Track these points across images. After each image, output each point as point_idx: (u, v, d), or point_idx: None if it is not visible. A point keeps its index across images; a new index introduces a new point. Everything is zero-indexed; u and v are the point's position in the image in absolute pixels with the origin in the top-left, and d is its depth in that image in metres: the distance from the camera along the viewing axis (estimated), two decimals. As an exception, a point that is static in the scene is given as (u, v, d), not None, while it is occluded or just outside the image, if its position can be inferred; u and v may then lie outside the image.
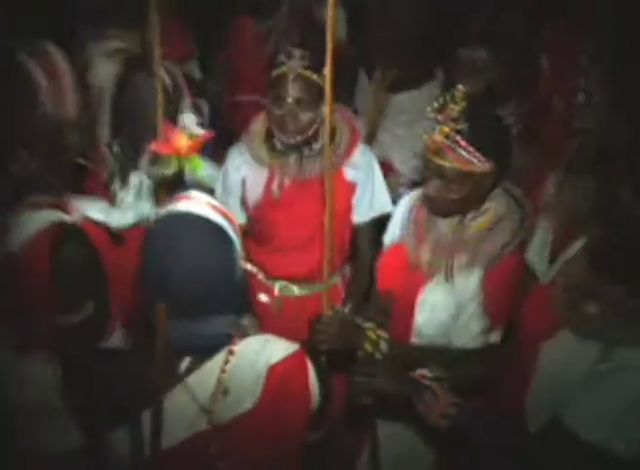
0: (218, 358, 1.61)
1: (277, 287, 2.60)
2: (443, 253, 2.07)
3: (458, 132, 1.90)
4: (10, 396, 2.00)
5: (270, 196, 2.49)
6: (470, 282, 2.05)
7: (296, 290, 2.60)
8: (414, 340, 2.16)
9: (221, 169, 2.59)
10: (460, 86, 1.92)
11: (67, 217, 1.91)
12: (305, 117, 2.36)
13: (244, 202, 2.55)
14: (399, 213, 2.28)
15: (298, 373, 1.66)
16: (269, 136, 2.52)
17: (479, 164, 1.93)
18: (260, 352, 1.64)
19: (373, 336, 2.04)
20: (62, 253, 1.87)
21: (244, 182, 2.53)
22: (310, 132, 2.40)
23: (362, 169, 2.51)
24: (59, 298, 1.89)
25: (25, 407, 1.99)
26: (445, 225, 2.09)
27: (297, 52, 2.33)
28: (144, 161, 2.25)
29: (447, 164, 1.93)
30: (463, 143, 1.91)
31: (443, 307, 2.09)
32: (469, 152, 1.92)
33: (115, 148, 2.45)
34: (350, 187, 2.51)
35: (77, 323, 1.90)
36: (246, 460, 1.65)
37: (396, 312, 2.17)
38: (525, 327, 1.93)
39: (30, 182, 1.92)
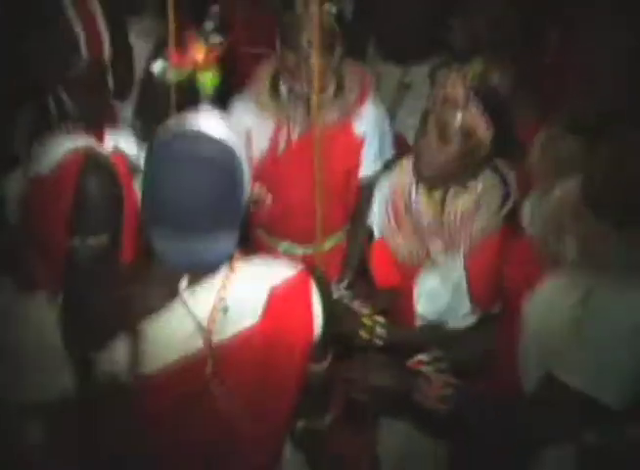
0: (219, 275, 1.57)
1: (281, 248, 2.59)
2: (421, 239, 2.10)
3: (474, 91, 1.98)
4: (9, 335, 2.02)
5: (275, 151, 2.45)
6: (458, 266, 2.08)
7: (299, 251, 2.57)
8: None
9: None
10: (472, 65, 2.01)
11: (98, 145, 1.96)
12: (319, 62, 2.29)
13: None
14: (376, 205, 2.30)
15: (301, 294, 1.62)
16: (275, 84, 2.48)
17: (484, 125, 2.00)
18: (263, 271, 1.62)
19: (368, 322, 2.06)
20: (87, 178, 1.90)
21: (248, 137, 2.47)
22: (323, 80, 2.33)
23: (371, 121, 2.49)
24: (77, 224, 1.93)
25: (24, 348, 2.01)
26: (425, 205, 2.12)
27: None
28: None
29: (457, 116, 1.98)
30: (476, 101, 1.99)
31: (439, 295, 2.12)
32: (480, 111, 1.99)
33: (138, 130, 2.42)
34: (359, 140, 2.49)
35: (91, 250, 1.93)
36: (242, 385, 1.61)
37: (398, 303, 2.19)
38: (507, 283, 1.93)
39: (66, 116, 1.98)
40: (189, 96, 1.97)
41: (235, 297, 1.57)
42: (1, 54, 1.99)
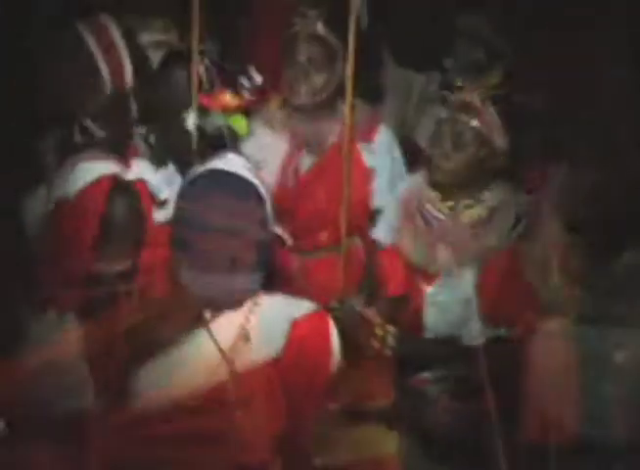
0: (243, 308, 1.66)
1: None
2: (432, 246, 2.10)
3: (491, 100, 2.00)
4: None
5: (285, 182, 2.46)
6: (469, 282, 2.09)
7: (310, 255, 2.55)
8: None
9: None
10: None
11: (123, 172, 2.00)
12: (319, 77, 2.34)
13: None
14: (390, 211, 2.29)
15: (321, 331, 1.70)
16: (283, 105, 2.48)
17: (498, 135, 2.01)
18: (285, 307, 1.70)
19: (380, 332, 2.04)
20: (114, 206, 1.95)
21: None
22: (324, 95, 2.37)
23: (382, 154, 2.47)
24: (103, 250, 1.97)
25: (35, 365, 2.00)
26: (437, 212, 2.11)
27: (311, 13, 2.33)
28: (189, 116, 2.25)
29: (473, 122, 2.00)
30: (492, 110, 2.01)
31: (449, 309, 2.13)
32: (495, 120, 2.01)
33: (151, 139, 2.44)
34: (369, 173, 2.46)
35: (114, 275, 1.97)
36: (261, 414, 1.66)
37: (406, 312, 2.19)
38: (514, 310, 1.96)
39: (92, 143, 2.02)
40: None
41: (257, 329, 1.66)
42: (29, 80, 2.04)
